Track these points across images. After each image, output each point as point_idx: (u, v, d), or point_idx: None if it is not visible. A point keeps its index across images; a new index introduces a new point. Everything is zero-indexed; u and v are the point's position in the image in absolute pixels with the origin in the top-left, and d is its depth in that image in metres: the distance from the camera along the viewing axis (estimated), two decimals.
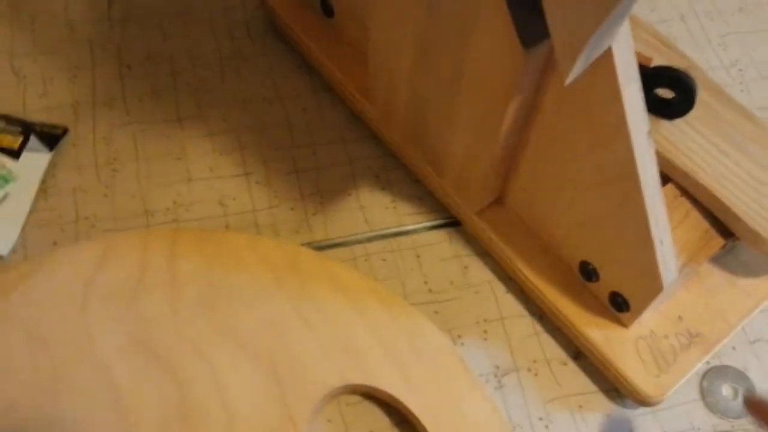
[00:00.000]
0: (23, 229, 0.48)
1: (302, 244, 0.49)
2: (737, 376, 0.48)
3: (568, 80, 0.32)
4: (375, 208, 0.51)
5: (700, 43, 0.61)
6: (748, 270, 0.49)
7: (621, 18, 0.32)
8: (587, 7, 0.29)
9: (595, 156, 0.39)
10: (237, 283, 0.45)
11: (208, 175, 0.51)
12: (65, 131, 0.51)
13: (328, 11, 0.53)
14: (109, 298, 0.44)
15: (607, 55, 0.34)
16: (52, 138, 0.50)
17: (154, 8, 0.58)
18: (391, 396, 0.43)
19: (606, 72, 0.35)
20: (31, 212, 0.48)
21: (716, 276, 0.49)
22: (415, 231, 0.50)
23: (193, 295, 0.45)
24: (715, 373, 0.48)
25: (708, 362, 0.48)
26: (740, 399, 0.47)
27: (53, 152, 0.50)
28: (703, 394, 0.47)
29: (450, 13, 0.39)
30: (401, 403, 0.43)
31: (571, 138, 0.40)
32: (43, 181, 0.49)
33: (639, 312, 0.44)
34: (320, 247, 0.49)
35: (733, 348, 0.48)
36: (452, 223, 0.51)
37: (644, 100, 0.47)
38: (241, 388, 0.42)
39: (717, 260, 0.49)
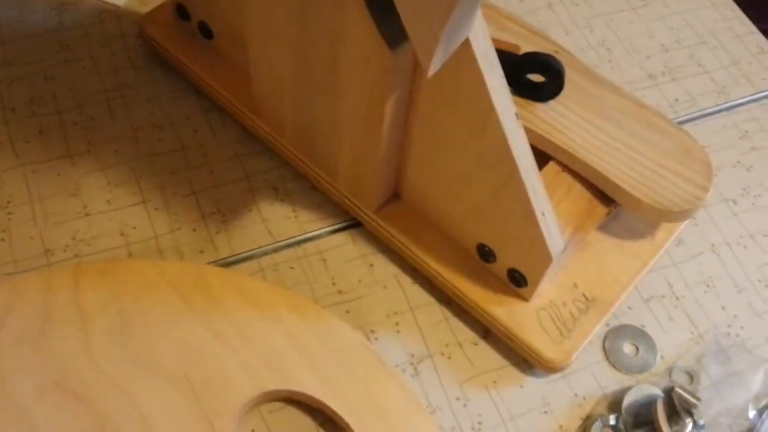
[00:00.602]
0: None
1: (209, 263, 0.50)
2: (636, 333, 0.51)
3: (430, 73, 0.34)
4: (277, 219, 0.52)
5: (568, 28, 0.65)
6: (633, 234, 0.52)
7: (471, 10, 0.34)
8: (434, 3, 0.31)
9: (473, 144, 0.42)
10: (146, 309, 0.45)
11: (106, 208, 0.51)
12: None
13: (206, 34, 0.54)
14: (18, 341, 0.44)
15: (466, 45, 0.36)
16: None
17: (34, 50, 0.58)
18: (311, 398, 0.44)
19: (467, 62, 0.37)
20: None
21: (605, 243, 0.52)
22: (318, 236, 0.52)
23: (104, 327, 0.45)
24: (615, 333, 0.50)
25: (607, 324, 0.50)
26: (641, 355, 0.50)
27: None
28: (607, 354, 0.50)
29: (319, 26, 0.41)
30: (322, 404, 0.44)
31: (449, 130, 0.42)
32: None
33: (536, 284, 0.47)
34: (227, 263, 0.50)
35: (629, 308, 0.51)
36: (353, 224, 0.52)
37: (509, 84, 0.50)
38: (163, 413, 0.43)
39: (604, 228, 0.52)
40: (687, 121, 0.61)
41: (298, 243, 0.51)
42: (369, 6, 0.36)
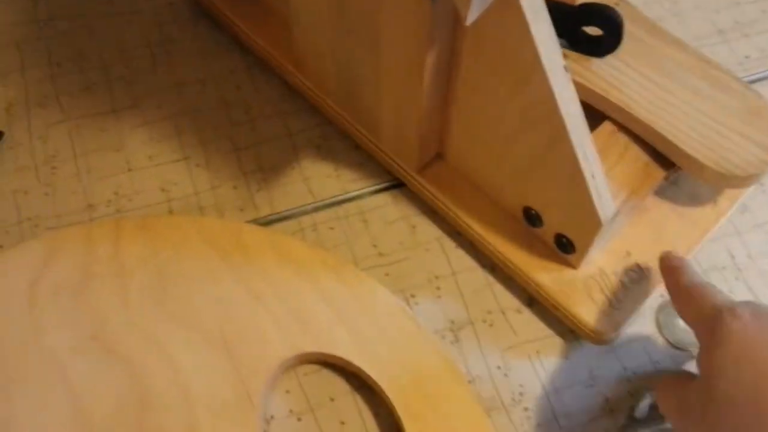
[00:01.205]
0: None
1: (248, 221, 0.49)
2: None
3: (468, 21, 0.32)
4: (318, 178, 0.51)
5: None
6: (694, 200, 0.49)
7: None
8: None
9: (518, 100, 0.39)
10: (184, 266, 0.45)
11: (148, 164, 0.51)
12: (0, 135, 0.51)
13: None
14: (57, 294, 0.44)
15: None
16: None
17: (80, 6, 0.57)
18: (347, 362, 0.43)
19: (512, 10, 0.35)
20: None
21: (662, 208, 0.49)
22: (360, 196, 0.50)
23: (141, 283, 0.45)
24: (670, 306, 0.48)
25: (662, 295, 0.48)
26: None
27: None
28: (660, 327, 0.47)
29: None
30: (358, 368, 0.43)
31: (493, 85, 0.40)
32: None
33: (584, 251, 0.44)
34: (266, 222, 0.49)
35: None
36: (396, 184, 0.51)
37: (562, 38, 0.47)
38: (196, 369, 0.42)
39: (662, 193, 0.49)
40: (758, 80, 0.56)
41: (339, 203, 0.50)
42: None
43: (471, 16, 0.31)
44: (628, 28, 0.48)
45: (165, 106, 0.53)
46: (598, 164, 0.41)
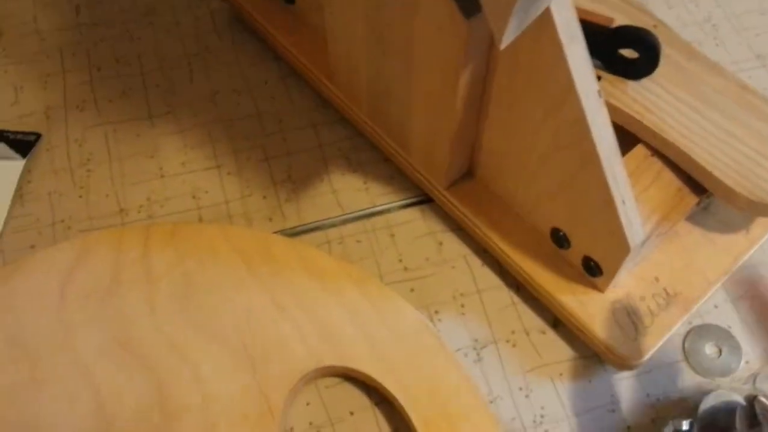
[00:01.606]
0: (1, 235, 0.48)
1: (276, 232, 0.49)
2: (720, 334, 0.47)
3: (502, 45, 0.32)
4: (347, 191, 0.51)
5: (671, 2, 0.60)
6: (726, 227, 0.48)
7: None
8: None
9: (550, 122, 0.39)
10: (210, 274, 0.46)
11: (181, 170, 0.51)
12: (38, 137, 0.52)
13: None
14: (86, 297, 0.45)
15: (546, 15, 0.34)
16: (24, 144, 0.51)
17: (121, 12, 0.58)
18: (368, 376, 0.43)
19: (547, 33, 0.35)
20: (8, 219, 0.49)
21: (693, 235, 0.48)
22: (388, 210, 0.50)
23: (168, 290, 0.45)
24: (698, 333, 0.47)
25: (690, 322, 0.47)
26: (724, 358, 0.46)
27: (27, 158, 0.51)
28: (686, 354, 0.47)
29: None
30: (379, 383, 0.43)
31: (526, 106, 0.40)
32: (19, 188, 0.50)
33: (612, 275, 0.44)
34: (294, 233, 0.49)
35: (715, 306, 0.48)
36: (425, 200, 0.51)
37: (598, 60, 0.46)
38: (219, 379, 0.43)
39: (693, 219, 0.48)
40: None
41: (367, 216, 0.50)
42: None
43: (505, 41, 0.31)
44: (665, 51, 0.48)
45: (200, 114, 0.54)
46: (629, 189, 0.40)
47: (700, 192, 0.46)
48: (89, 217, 0.50)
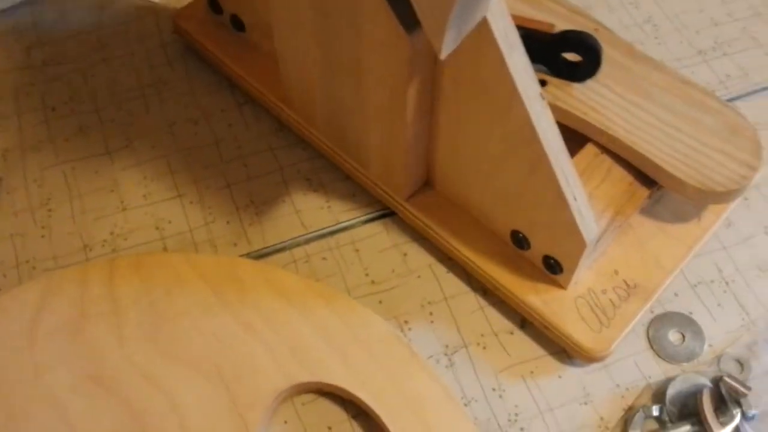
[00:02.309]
0: None
1: (241, 255, 0.50)
2: (682, 320, 0.48)
3: (442, 55, 0.33)
4: (310, 210, 0.52)
5: (612, 5, 0.63)
6: (678, 217, 0.50)
7: None
8: None
9: (498, 128, 0.40)
10: (178, 302, 0.46)
11: (142, 203, 0.52)
12: None
13: (238, 26, 0.54)
14: (54, 334, 0.45)
15: (484, 25, 0.35)
16: None
17: (73, 50, 0.59)
18: (343, 389, 0.44)
19: (487, 43, 0.36)
20: None
21: (648, 227, 0.50)
22: (351, 226, 0.51)
23: (137, 320, 0.45)
24: (660, 321, 0.48)
25: (652, 311, 0.48)
26: (687, 343, 0.48)
27: None
28: (651, 342, 0.48)
29: (339, 13, 0.40)
30: (354, 395, 0.44)
31: (474, 114, 0.41)
32: None
33: (572, 271, 0.45)
34: (260, 256, 0.50)
35: (676, 294, 0.49)
36: (387, 213, 0.52)
37: (543, 66, 0.48)
38: (194, 404, 0.43)
39: (647, 211, 0.50)
40: (740, 97, 0.58)
41: (331, 233, 0.51)
42: None
43: (445, 51, 0.33)
44: (607, 52, 0.49)
45: (158, 146, 0.54)
46: (580, 186, 0.41)
47: (650, 185, 0.48)
48: (53, 256, 0.50)
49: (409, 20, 0.37)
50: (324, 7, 0.41)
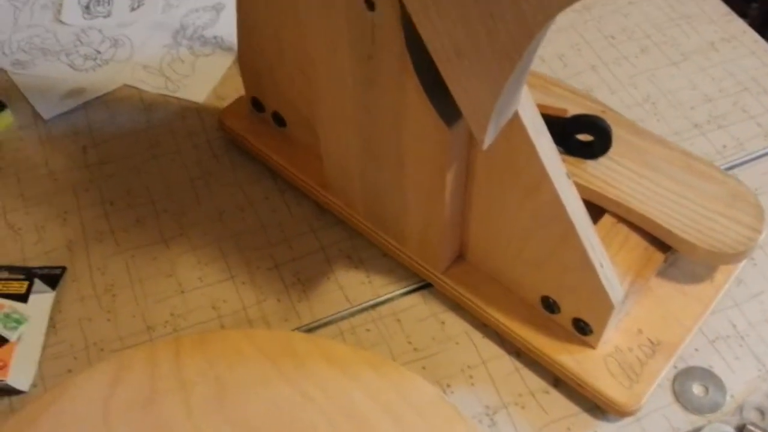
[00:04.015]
0: (39, 364, 0.52)
1: (293, 329, 0.54)
2: (704, 374, 0.52)
3: (485, 146, 0.38)
4: (352, 286, 0.56)
5: (613, 87, 0.69)
6: (693, 277, 0.54)
7: (518, 87, 0.38)
8: (483, 88, 0.35)
9: (529, 205, 0.45)
10: (239, 375, 0.50)
11: (198, 285, 0.56)
12: (64, 270, 0.57)
13: (280, 122, 0.60)
14: (127, 410, 0.48)
15: (516, 117, 0.40)
16: (52, 278, 0.56)
17: (126, 148, 0.64)
18: None
19: (518, 131, 0.41)
20: (44, 347, 0.53)
21: (666, 288, 0.54)
22: (391, 299, 0.56)
23: (203, 393, 0.49)
24: (684, 375, 0.52)
25: (675, 366, 0.52)
26: (711, 395, 0.51)
27: (56, 290, 0.55)
28: (677, 396, 0.51)
29: (384, 109, 0.46)
30: None
31: (506, 193, 0.46)
32: (51, 318, 0.54)
33: (600, 332, 0.49)
34: (309, 329, 0.54)
35: (696, 349, 0.53)
36: (424, 285, 0.56)
37: (559, 146, 0.53)
38: None
39: (664, 274, 0.54)
40: (737, 165, 0.63)
41: (373, 306, 0.55)
42: (426, 89, 0.41)
43: (487, 141, 0.38)
44: (616, 131, 0.55)
45: (209, 233, 0.59)
46: (605, 254, 0.46)
47: (665, 250, 0.52)
48: (119, 337, 0.54)
49: (448, 114, 0.42)
50: (367, 105, 0.47)
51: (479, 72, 0.34)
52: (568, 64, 0.70)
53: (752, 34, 0.72)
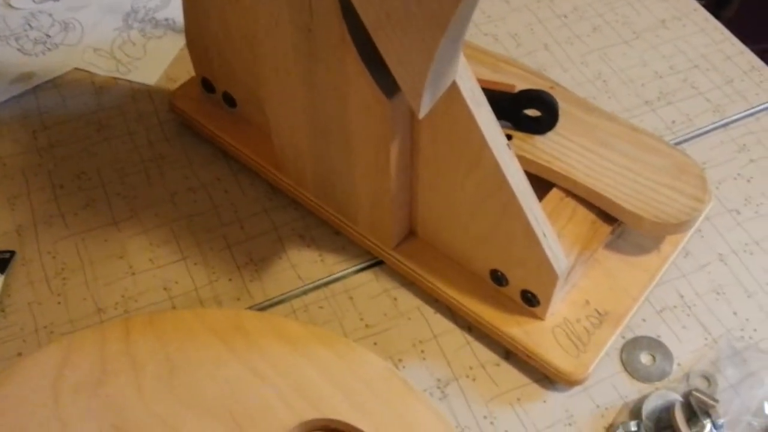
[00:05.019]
0: None
1: (245, 309, 0.54)
2: (652, 343, 0.53)
3: (421, 114, 0.38)
4: (305, 264, 0.56)
5: (565, 65, 0.69)
6: (640, 249, 0.55)
7: (453, 56, 0.38)
8: (415, 55, 0.35)
9: (471, 177, 0.46)
10: (190, 354, 0.50)
11: (150, 266, 0.56)
12: (12, 254, 0.56)
13: (230, 103, 0.60)
14: (77, 391, 0.48)
15: (453, 87, 0.41)
16: (1, 262, 0.55)
17: (77, 132, 0.64)
18: (346, 424, 0.48)
19: (457, 101, 0.41)
20: None
21: (612, 259, 0.55)
22: (344, 277, 0.56)
23: (153, 373, 0.49)
24: (632, 345, 0.53)
25: (623, 336, 0.53)
26: (658, 364, 0.52)
27: (5, 275, 0.55)
28: (625, 365, 0.52)
29: (327, 84, 0.46)
30: (358, 429, 0.47)
31: (449, 166, 0.46)
32: (0, 302, 0.54)
33: (547, 303, 0.50)
34: (262, 308, 0.54)
35: (643, 320, 0.54)
36: (376, 262, 0.56)
37: (508, 121, 0.54)
38: None
39: (611, 246, 0.55)
40: (685, 140, 0.64)
41: (326, 284, 0.55)
42: (365, 61, 0.41)
43: (423, 110, 0.38)
44: (564, 107, 0.56)
45: (161, 215, 0.59)
46: (548, 224, 0.47)
47: (612, 222, 0.53)
48: (70, 320, 0.53)
49: (388, 87, 0.42)
50: (311, 80, 0.47)
51: (411, 39, 0.35)
52: (521, 43, 0.71)
53: (702, 12, 0.74)
